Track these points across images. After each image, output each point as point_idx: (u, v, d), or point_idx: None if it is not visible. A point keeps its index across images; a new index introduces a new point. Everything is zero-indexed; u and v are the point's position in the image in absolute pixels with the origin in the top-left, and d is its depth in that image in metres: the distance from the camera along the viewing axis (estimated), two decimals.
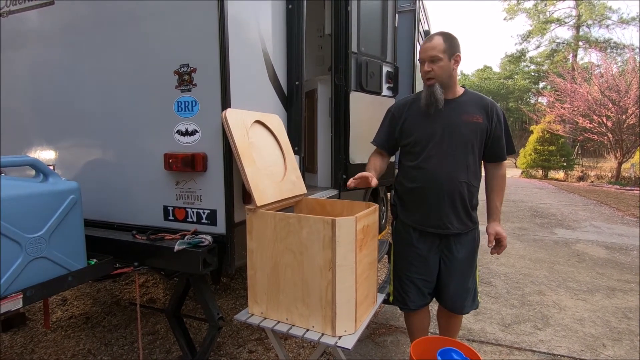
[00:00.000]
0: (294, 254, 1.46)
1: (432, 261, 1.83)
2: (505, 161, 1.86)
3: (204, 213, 1.72)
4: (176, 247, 1.57)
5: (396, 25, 3.41)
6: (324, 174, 3.23)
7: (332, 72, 3.05)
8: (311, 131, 3.39)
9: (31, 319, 2.81)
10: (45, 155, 2.12)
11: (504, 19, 28.06)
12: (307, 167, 3.48)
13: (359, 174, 1.69)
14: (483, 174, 1.90)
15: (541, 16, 25.11)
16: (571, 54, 24.00)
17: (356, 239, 1.41)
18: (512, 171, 18.73)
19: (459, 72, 2.15)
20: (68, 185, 1.49)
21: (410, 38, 3.57)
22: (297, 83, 2.13)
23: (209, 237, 1.63)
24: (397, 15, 3.47)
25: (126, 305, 3.00)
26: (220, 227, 1.69)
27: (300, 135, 2.18)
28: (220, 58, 1.60)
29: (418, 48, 3.89)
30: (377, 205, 1.63)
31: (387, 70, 3.36)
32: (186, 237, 1.63)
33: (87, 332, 2.64)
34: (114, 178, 1.94)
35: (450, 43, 1.69)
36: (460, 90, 1.81)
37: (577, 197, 9.57)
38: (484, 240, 1.91)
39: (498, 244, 1.83)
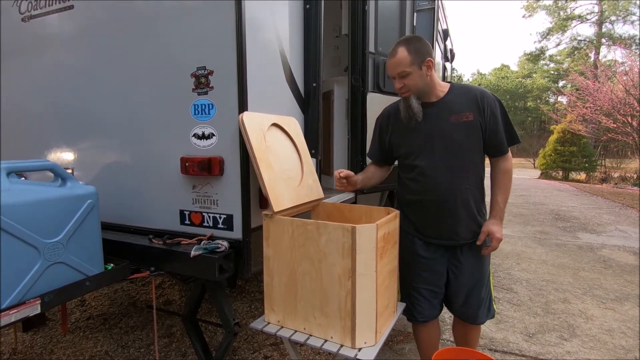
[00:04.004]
0: (312, 261, 1.41)
1: (439, 270, 1.76)
2: (509, 154, 1.70)
3: (220, 218, 1.70)
4: (192, 253, 1.54)
5: (414, 24, 3.33)
6: None
7: (348, 73, 2.99)
8: (327, 133, 3.34)
9: (51, 319, 2.85)
10: (64, 158, 2.13)
11: (523, 17, 27.46)
12: (323, 170, 3.43)
13: (344, 172, 1.73)
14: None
15: (562, 13, 24.45)
16: (593, 52, 23.26)
17: (377, 247, 1.36)
18: (530, 172, 18.29)
19: (474, 70, 2.03)
20: (86, 190, 1.49)
21: (429, 38, 3.49)
22: (314, 85, 2.08)
23: (225, 243, 1.60)
24: (415, 14, 3.39)
25: (143, 307, 3.02)
26: (237, 233, 1.66)
27: (317, 138, 2.14)
28: (237, 60, 1.57)
29: (437, 48, 3.80)
30: (397, 212, 1.57)
31: None
32: (202, 243, 1.61)
33: (104, 334, 2.66)
34: (131, 181, 1.93)
35: (416, 51, 1.57)
36: (443, 90, 1.68)
37: (600, 200, 9.25)
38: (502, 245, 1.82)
39: (492, 249, 1.67)
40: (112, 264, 1.61)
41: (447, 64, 5.05)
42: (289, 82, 1.95)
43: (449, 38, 4.81)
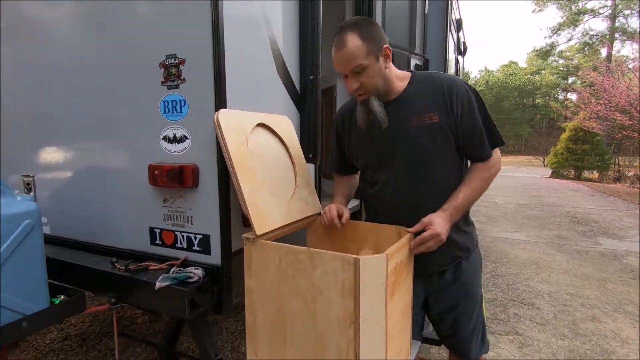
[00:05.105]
0: (304, 299, 1.11)
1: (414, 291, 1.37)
2: (494, 159, 1.29)
3: (195, 238, 1.40)
4: (157, 285, 1.25)
5: (426, 12, 3.00)
6: None
7: None
8: (329, 132, 3.05)
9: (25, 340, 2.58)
10: (24, 164, 1.85)
11: (533, 11, 26.80)
12: (325, 173, 3.13)
13: (330, 214, 1.35)
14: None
15: (573, 7, 23.79)
16: (606, 47, 22.62)
17: (387, 283, 1.05)
18: (541, 171, 17.79)
19: (482, 67, 1.59)
20: (23, 208, 1.20)
21: (442, 27, 3.17)
22: (311, 77, 1.78)
23: (199, 272, 1.30)
24: (427, 1, 3.07)
25: (122, 332, 2.72)
26: (215, 257, 1.36)
27: (316, 140, 1.83)
28: (213, 46, 1.27)
29: (451, 38, 3.47)
30: (411, 235, 1.26)
31: (416, 63, 2.96)
32: (172, 270, 1.31)
33: (80, 358, 2.39)
34: (96, 192, 1.65)
35: (370, 37, 1.19)
36: (402, 83, 1.31)
37: (618, 201, 8.82)
38: (510, 253, 1.50)
39: (422, 241, 1.19)
40: (62, 296, 1.32)
41: (460, 58, 4.71)
42: (281, 74, 1.64)
43: (462, 29, 4.47)
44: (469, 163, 1.38)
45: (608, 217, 6.91)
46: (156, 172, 1.38)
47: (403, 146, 1.30)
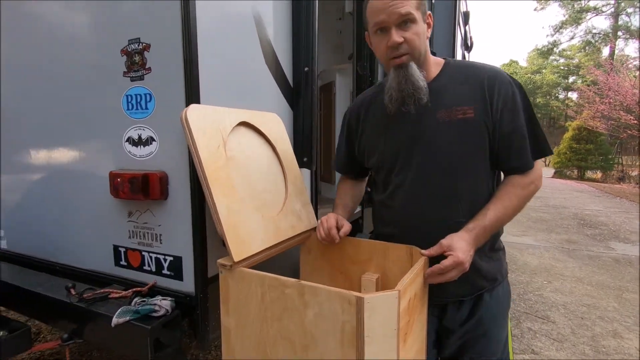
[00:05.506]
0: (293, 347, 0.87)
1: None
2: (536, 172, 1.04)
3: (165, 260, 1.16)
4: (114, 320, 1.01)
5: (433, 1, 2.77)
6: None
7: (353, 60, 2.46)
8: (328, 132, 2.82)
9: None
10: None
11: (535, 9, 26.48)
12: (323, 176, 2.90)
13: (327, 225, 1.14)
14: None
15: (576, 5, 23.54)
16: (609, 45, 22.37)
17: (399, 327, 0.82)
18: (543, 170, 17.53)
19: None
20: None
21: (449, 18, 2.94)
22: (306, 69, 1.54)
23: (167, 303, 1.06)
24: None
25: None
26: (187, 283, 1.13)
27: (312, 141, 1.59)
28: (182, 28, 1.03)
29: (459, 31, 3.24)
30: (426, 259, 1.02)
31: None
32: (134, 302, 1.07)
33: None
34: (54, 204, 1.41)
35: None
36: (435, 68, 1.09)
37: (625, 202, 8.59)
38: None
39: (441, 271, 0.93)
40: (2, 332, 1.09)
41: (466, 53, 4.47)
42: (270, 64, 1.41)
43: (468, 23, 4.23)
44: (502, 176, 1.13)
45: (617, 219, 6.68)
46: (117, 180, 1.15)
47: (425, 144, 1.05)
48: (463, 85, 1.04)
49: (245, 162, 1.11)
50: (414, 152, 1.07)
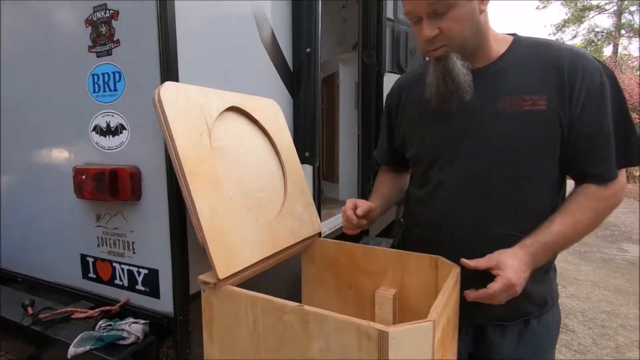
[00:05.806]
0: None
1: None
2: (619, 183, 0.83)
3: (139, 273, 0.97)
4: (71, 350, 0.82)
5: None
6: (348, 183, 2.52)
7: (359, 49, 2.30)
8: (331, 127, 2.65)
9: None
10: None
11: (537, 8, 26.27)
12: (326, 175, 2.72)
13: (362, 208, 0.94)
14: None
15: (578, 3, 23.35)
16: (612, 44, 22.20)
17: None
18: None
19: None
20: None
21: None
22: (308, 51, 1.35)
23: (138, 328, 0.87)
24: None
25: None
26: (165, 302, 0.93)
27: (315, 134, 1.40)
28: None
29: None
30: (458, 269, 0.83)
31: None
32: (98, 326, 0.88)
33: None
34: (15, 205, 1.22)
35: None
36: (499, 47, 0.88)
37: (634, 203, 8.39)
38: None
39: (488, 296, 0.75)
40: None
41: None
42: (267, 44, 1.21)
43: None
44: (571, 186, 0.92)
45: (627, 220, 6.49)
46: (81, 177, 0.95)
47: (479, 137, 0.86)
48: (534, 69, 0.83)
49: (236, 154, 0.92)
50: (464, 145, 0.87)
